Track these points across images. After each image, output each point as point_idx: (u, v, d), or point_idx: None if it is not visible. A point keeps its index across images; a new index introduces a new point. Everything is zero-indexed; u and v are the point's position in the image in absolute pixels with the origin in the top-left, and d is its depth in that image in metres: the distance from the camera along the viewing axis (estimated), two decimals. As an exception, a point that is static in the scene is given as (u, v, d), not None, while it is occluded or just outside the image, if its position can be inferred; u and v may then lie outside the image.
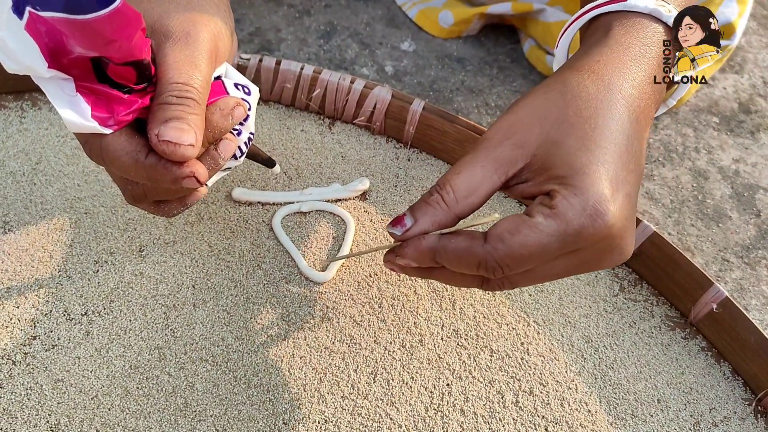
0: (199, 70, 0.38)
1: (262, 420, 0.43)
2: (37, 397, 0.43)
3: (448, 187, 0.36)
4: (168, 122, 0.36)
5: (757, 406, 0.48)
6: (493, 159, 0.36)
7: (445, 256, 0.35)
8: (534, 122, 0.37)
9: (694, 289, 0.51)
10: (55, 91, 0.35)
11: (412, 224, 0.36)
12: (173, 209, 0.42)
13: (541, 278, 0.37)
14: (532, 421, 0.45)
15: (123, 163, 0.37)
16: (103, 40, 0.34)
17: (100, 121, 0.35)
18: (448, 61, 0.72)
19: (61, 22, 0.33)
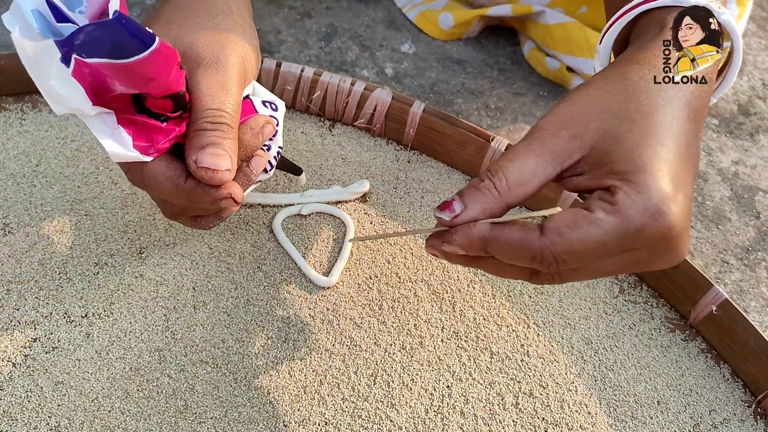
0: (230, 94, 0.40)
1: (262, 422, 0.43)
2: (37, 399, 0.43)
3: (501, 174, 0.35)
4: (205, 148, 0.38)
5: (756, 408, 0.48)
6: (548, 149, 0.35)
7: (498, 247, 0.34)
8: (592, 114, 0.36)
9: (694, 291, 0.51)
10: (98, 125, 0.37)
11: (461, 210, 0.35)
12: (209, 222, 0.45)
13: (592, 274, 0.36)
14: (532, 423, 0.45)
15: (164, 188, 0.39)
16: (143, 79, 0.36)
17: (141, 150, 0.37)
18: (449, 63, 0.72)
19: (104, 66, 0.35)
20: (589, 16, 0.70)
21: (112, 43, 0.35)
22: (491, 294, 0.51)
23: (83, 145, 0.56)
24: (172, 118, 0.39)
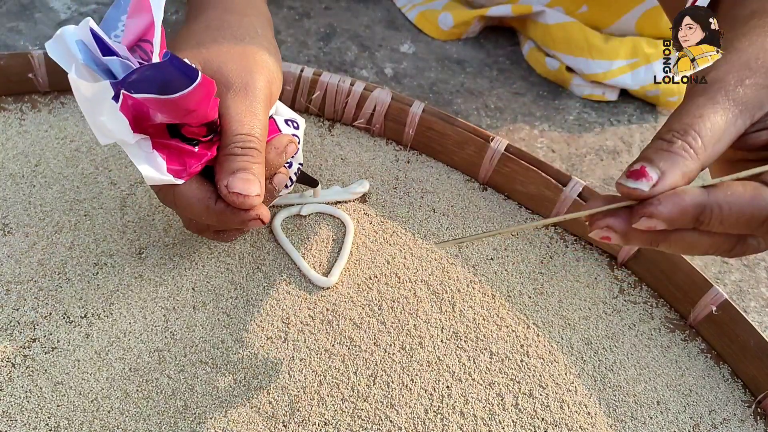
0: (258, 119, 0.41)
1: (261, 422, 0.43)
2: (36, 399, 0.43)
3: (693, 133, 0.31)
4: (236, 173, 0.39)
5: (756, 408, 0.48)
6: (736, 101, 0.32)
7: (719, 213, 0.30)
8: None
9: (694, 291, 0.51)
10: (135, 151, 0.38)
11: (658, 177, 0.30)
12: (231, 236, 0.46)
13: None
14: (532, 423, 0.45)
15: (195, 209, 0.40)
16: (185, 111, 0.38)
17: (174, 173, 0.39)
18: (448, 63, 0.72)
19: (150, 100, 0.37)
20: (589, 16, 0.70)
21: (162, 81, 0.36)
22: (491, 294, 0.51)
23: (82, 145, 0.56)
24: (204, 142, 0.40)
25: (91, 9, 0.72)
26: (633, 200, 0.31)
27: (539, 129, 0.67)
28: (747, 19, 0.36)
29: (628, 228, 0.32)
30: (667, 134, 0.31)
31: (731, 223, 0.31)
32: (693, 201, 0.30)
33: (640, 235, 0.32)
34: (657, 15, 0.68)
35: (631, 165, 0.31)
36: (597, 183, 0.63)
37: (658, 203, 0.30)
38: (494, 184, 0.58)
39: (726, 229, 0.31)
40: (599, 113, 0.69)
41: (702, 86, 0.33)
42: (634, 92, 0.70)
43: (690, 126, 0.31)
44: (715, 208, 0.30)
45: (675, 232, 0.32)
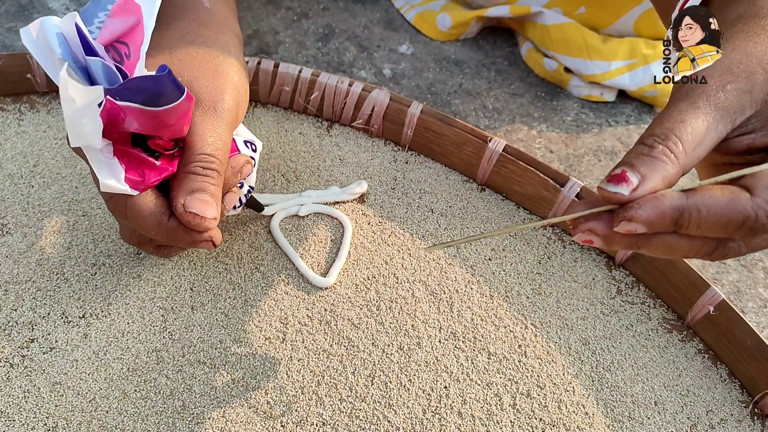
0: (222, 140, 0.41)
1: (259, 423, 0.43)
2: (34, 399, 0.43)
3: (674, 138, 0.31)
4: (194, 193, 0.38)
5: (753, 409, 0.48)
6: (717, 106, 0.32)
7: (696, 217, 0.31)
8: (754, 67, 0.33)
9: (691, 292, 0.51)
10: (97, 155, 0.37)
11: (639, 182, 0.31)
12: (174, 252, 0.46)
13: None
14: (530, 423, 0.45)
15: (145, 223, 0.39)
16: (164, 125, 0.37)
17: (131, 183, 0.38)
18: (446, 64, 0.72)
19: (133, 110, 0.36)
20: (588, 17, 0.70)
21: (153, 93, 0.36)
22: (489, 294, 0.51)
23: (81, 145, 0.56)
24: (165, 156, 0.39)
25: (89, 9, 0.72)
26: (614, 204, 0.31)
27: (537, 130, 0.67)
28: (732, 23, 0.37)
29: (609, 231, 0.32)
30: (648, 139, 0.32)
31: (709, 227, 0.31)
32: (671, 205, 0.31)
33: (621, 239, 0.32)
34: (655, 16, 0.69)
35: (613, 169, 0.32)
36: (595, 183, 0.63)
37: (637, 207, 0.31)
38: (492, 185, 0.58)
39: (704, 232, 0.31)
40: (597, 114, 0.70)
41: (684, 91, 0.33)
42: (632, 93, 0.70)
43: (671, 131, 0.31)
44: (693, 211, 0.31)
45: (656, 236, 0.32)
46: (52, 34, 0.35)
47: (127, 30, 0.38)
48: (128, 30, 0.38)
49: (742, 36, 0.35)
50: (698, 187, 0.31)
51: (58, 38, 0.36)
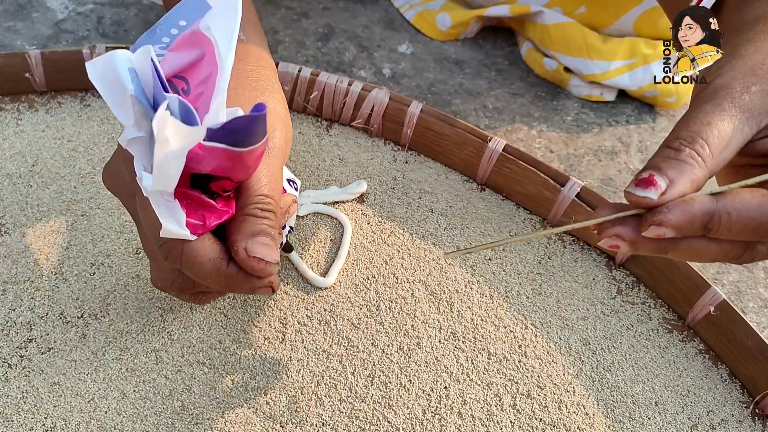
0: (277, 180, 0.39)
1: (259, 423, 0.43)
2: (33, 400, 0.43)
3: (701, 141, 0.31)
4: (255, 237, 0.36)
5: (754, 409, 0.48)
6: (742, 108, 0.32)
7: (727, 221, 0.30)
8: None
9: (692, 292, 0.50)
10: (158, 198, 0.34)
11: (667, 185, 0.30)
12: (211, 298, 0.43)
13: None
14: (530, 424, 0.45)
15: (203, 270, 0.36)
16: (243, 166, 0.35)
17: (192, 228, 0.35)
18: (446, 63, 0.72)
19: (218, 150, 0.33)
20: (588, 17, 0.70)
21: (246, 133, 0.33)
22: (489, 295, 0.51)
23: (80, 145, 0.56)
24: (222, 197, 0.37)
25: (88, 9, 0.72)
26: (641, 209, 0.31)
27: (537, 129, 0.67)
28: (752, 23, 0.36)
29: (636, 236, 0.32)
30: (674, 142, 0.31)
31: (739, 231, 0.31)
32: (701, 209, 0.30)
33: (648, 244, 0.32)
34: (655, 16, 0.68)
35: (639, 173, 0.31)
36: (595, 183, 0.63)
37: (666, 211, 0.30)
38: (492, 185, 0.58)
39: (734, 236, 0.31)
40: (597, 114, 0.69)
41: (708, 93, 0.33)
42: (632, 93, 0.70)
43: (697, 133, 0.31)
44: (723, 215, 0.30)
45: (684, 240, 0.32)
46: (123, 69, 0.33)
47: (188, 65, 0.35)
48: (190, 65, 0.35)
49: (763, 37, 0.35)
50: (727, 191, 0.31)
51: (131, 74, 0.33)
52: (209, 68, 0.34)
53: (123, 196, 0.39)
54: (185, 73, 0.35)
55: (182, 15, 0.37)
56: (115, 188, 0.40)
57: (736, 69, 0.33)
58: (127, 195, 0.39)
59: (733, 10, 0.39)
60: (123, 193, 0.39)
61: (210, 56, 0.34)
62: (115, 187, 0.40)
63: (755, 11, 0.37)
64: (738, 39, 0.35)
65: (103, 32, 0.70)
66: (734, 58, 0.34)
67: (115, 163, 0.39)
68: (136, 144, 0.34)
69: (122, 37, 0.70)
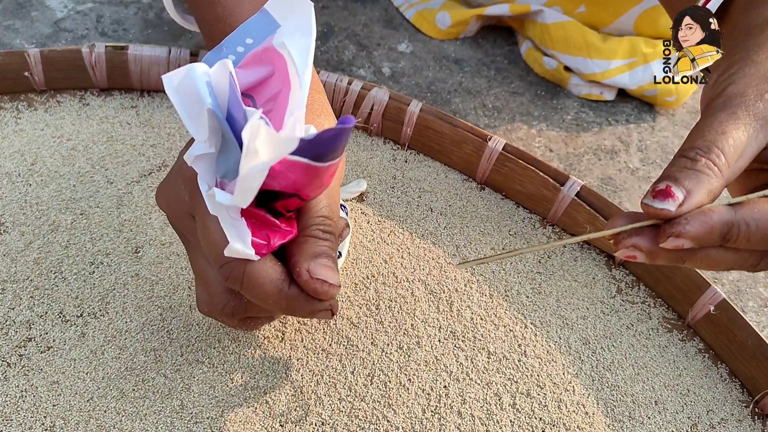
0: (336, 201, 0.38)
1: (258, 422, 0.43)
2: (32, 399, 0.43)
3: (716, 150, 0.31)
4: (318, 258, 0.35)
5: (754, 408, 0.48)
6: (757, 115, 0.32)
7: (746, 231, 0.30)
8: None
9: (692, 291, 0.50)
10: (222, 214, 0.33)
11: (684, 196, 0.30)
12: (259, 324, 0.42)
13: None
14: (530, 423, 0.45)
15: (265, 291, 0.35)
16: (317, 183, 0.34)
17: (257, 247, 0.34)
18: (446, 62, 0.72)
19: (298, 165, 0.32)
20: (588, 16, 0.70)
21: (330, 147, 0.32)
22: (488, 294, 0.51)
23: (79, 144, 0.56)
24: (285, 217, 0.36)
25: (87, 7, 0.72)
26: (659, 220, 0.31)
27: (537, 128, 0.67)
28: (762, 27, 0.36)
29: (654, 247, 0.32)
30: (690, 152, 0.31)
31: (758, 240, 0.31)
32: (720, 219, 0.30)
33: (666, 254, 0.32)
34: (655, 15, 0.68)
35: (656, 184, 0.31)
36: (595, 182, 0.63)
37: (685, 222, 0.30)
38: (492, 184, 0.58)
39: (753, 246, 0.31)
40: (597, 113, 0.69)
41: (722, 101, 0.33)
42: (631, 92, 0.70)
43: (713, 143, 0.31)
44: (742, 226, 0.30)
45: (701, 250, 0.32)
46: (201, 82, 0.32)
47: (256, 82, 0.35)
48: (258, 82, 0.35)
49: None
50: (745, 201, 0.31)
51: (207, 87, 0.32)
52: (279, 85, 0.34)
53: (178, 216, 0.38)
54: (252, 90, 0.35)
55: (249, 33, 0.37)
56: (170, 208, 0.39)
57: (749, 76, 0.33)
58: (183, 215, 0.38)
59: (741, 12, 0.39)
60: (178, 214, 0.38)
61: (280, 73, 0.34)
62: (170, 207, 0.39)
63: (764, 14, 0.37)
64: (749, 43, 0.35)
65: (102, 31, 0.70)
66: (747, 64, 0.33)
67: (171, 182, 0.38)
68: (202, 161, 0.33)
69: (121, 36, 0.69)
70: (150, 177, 0.54)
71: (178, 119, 0.59)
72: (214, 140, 0.33)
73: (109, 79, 0.59)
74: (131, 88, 0.61)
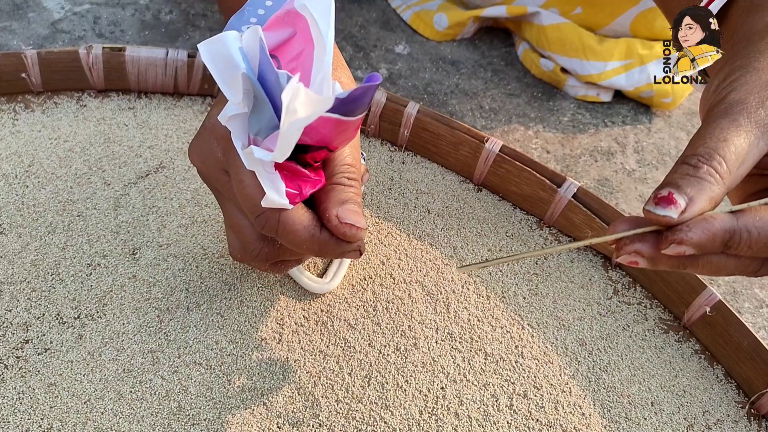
0: (357, 150, 0.41)
1: (255, 424, 0.43)
2: (29, 401, 0.43)
3: (718, 157, 0.31)
4: (345, 204, 0.38)
5: (750, 409, 0.48)
6: (758, 122, 0.32)
7: (747, 239, 0.31)
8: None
9: (688, 292, 0.51)
10: (258, 168, 0.36)
11: (686, 203, 0.31)
12: (288, 267, 0.44)
13: None
14: (527, 424, 0.45)
15: (299, 236, 0.38)
16: (346, 136, 0.37)
17: (290, 197, 0.36)
18: (443, 64, 0.72)
19: (329, 120, 0.35)
20: (584, 17, 0.70)
21: (359, 103, 0.34)
22: (485, 295, 0.51)
23: (76, 145, 0.56)
24: (312, 167, 0.38)
25: (85, 9, 0.72)
26: (661, 226, 0.31)
27: (534, 130, 0.67)
28: (762, 33, 0.36)
29: (656, 253, 0.32)
30: (692, 159, 0.32)
31: (760, 248, 0.31)
32: (722, 227, 0.31)
33: (668, 260, 0.32)
34: (651, 17, 0.69)
35: (658, 190, 0.32)
36: (591, 184, 0.63)
37: (687, 230, 0.31)
38: (489, 185, 0.58)
39: (755, 253, 0.32)
40: (593, 114, 0.70)
41: (724, 108, 0.33)
42: (628, 93, 0.70)
43: (715, 150, 0.31)
44: (744, 233, 0.31)
45: (702, 256, 0.32)
46: (234, 48, 0.35)
47: (280, 43, 0.37)
48: (282, 43, 0.37)
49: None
50: (747, 209, 0.31)
51: (241, 53, 0.35)
52: (301, 45, 0.36)
53: (211, 171, 0.41)
54: (276, 51, 0.37)
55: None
56: (204, 164, 0.41)
57: (750, 83, 0.33)
58: (216, 170, 0.40)
59: (741, 17, 0.39)
60: (211, 169, 0.40)
61: (303, 33, 0.36)
62: (204, 163, 0.41)
63: (765, 19, 0.37)
64: (750, 50, 0.35)
65: (99, 32, 0.70)
66: (748, 71, 0.34)
67: (204, 140, 0.41)
68: (236, 120, 0.36)
69: (119, 37, 0.69)
70: (147, 179, 0.54)
71: (175, 120, 0.59)
72: (247, 102, 0.35)
73: (106, 81, 0.59)
74: (128, 90, 0.61)
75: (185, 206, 0.53)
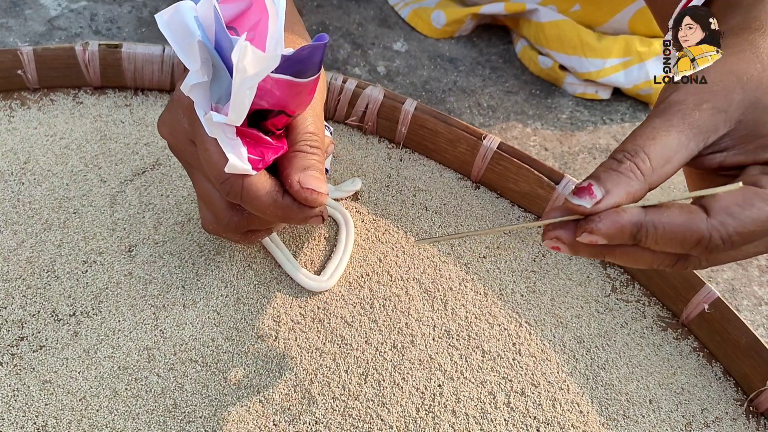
0: (320, 119, 0.42)
1: (252, 421, 0.43)
2: (24, 398, 0.43)
3: (642, 155, 0.32)
4: (306, 170, 0.39)
5: (748, 407, 0.48)
6: (691, 124, 0.33)
7: (653, 233, 0.32)
8: (734, 85, 0.34)
9: (686, 290, 0.50)
10: (220, 135, 0.37)
11: (602, 196, 0.32)
12: (260, 237, 0.45)
13: (745, 255, 0.34)
14: (524, 421, 0.45)
15: (261, 203, 0.39)
16: (301, 99, 0.38)
17: (253, 163, 0.38)
18: (441, 61, 0.72)
19: (282, 82, 0.36)
20: (582, 15, 0.70)
21: (308, 63, 0.36)
22: (483, 292, 0.51)
23: (72, 142, 0.56)
24: (275, 135, 0.39)
25: (81, 6, 0.72)
26: (578, 215, 0.33)
27: (532, 127, 0.67)
28: (723, 36, 0.37)
29: (573, 240, 0.33)
30: (618, 154, 0.33)
31: (665, 243, 0.32)
32: (630, 220, 0.32)
33: (585, 248, 0.34)
34: (649, 14, 0.68)
35: (583, 181, 0.33)
36: (590, 181, 0.63)
37: (598, 220, 0.32)
38: (487, 183, 0.58)
39: (661, 248, 0.33)
40: (592, 112, 0.69)
41: (663, 107, 0.34)
42: (626, 91, 0.70)
43: (641, 147, 0.32)
44: (650, 227, 0.32)
45: (618, 247, 0.33)
46: (190, 17, 0.35)
47: (237, 15, 0.38)
48: (238, 15, 0.38)
49: (728, 52, 0.36)
50: (658, 204, 0.32)
51: (196, 21, 0.35)
52: (257, 15, 0.37)
53: (180, 142, 0.41)
54: (234, 22, 0.38)
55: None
56: (171, 135, 0.42)
57: (694, 85, 0.34)
58: (184, 141, 0.41)
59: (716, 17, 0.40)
60: (179, 140, 0.41)
61: (258, 4, 0.37)
62: (171, 135, 0.42)
63: (730, 22, 0.38)
64: None
65: (96, 29, 0.70)
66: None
67: (171, 113, 0.42)
68: (198, 89, 0.37)
69: (115, 34, 0.69)
70: (143, 176, 0.54)
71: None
72: (206, 70, 0.36)
73: (102, 78, 0.59)
74: (125, 87, 0.60)
75: (181, 203, 0.53)
